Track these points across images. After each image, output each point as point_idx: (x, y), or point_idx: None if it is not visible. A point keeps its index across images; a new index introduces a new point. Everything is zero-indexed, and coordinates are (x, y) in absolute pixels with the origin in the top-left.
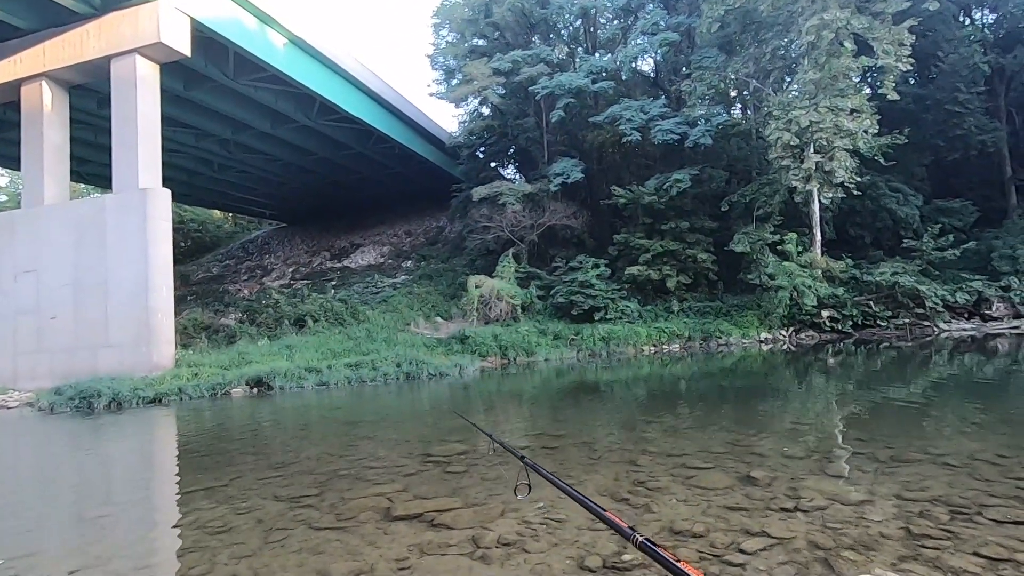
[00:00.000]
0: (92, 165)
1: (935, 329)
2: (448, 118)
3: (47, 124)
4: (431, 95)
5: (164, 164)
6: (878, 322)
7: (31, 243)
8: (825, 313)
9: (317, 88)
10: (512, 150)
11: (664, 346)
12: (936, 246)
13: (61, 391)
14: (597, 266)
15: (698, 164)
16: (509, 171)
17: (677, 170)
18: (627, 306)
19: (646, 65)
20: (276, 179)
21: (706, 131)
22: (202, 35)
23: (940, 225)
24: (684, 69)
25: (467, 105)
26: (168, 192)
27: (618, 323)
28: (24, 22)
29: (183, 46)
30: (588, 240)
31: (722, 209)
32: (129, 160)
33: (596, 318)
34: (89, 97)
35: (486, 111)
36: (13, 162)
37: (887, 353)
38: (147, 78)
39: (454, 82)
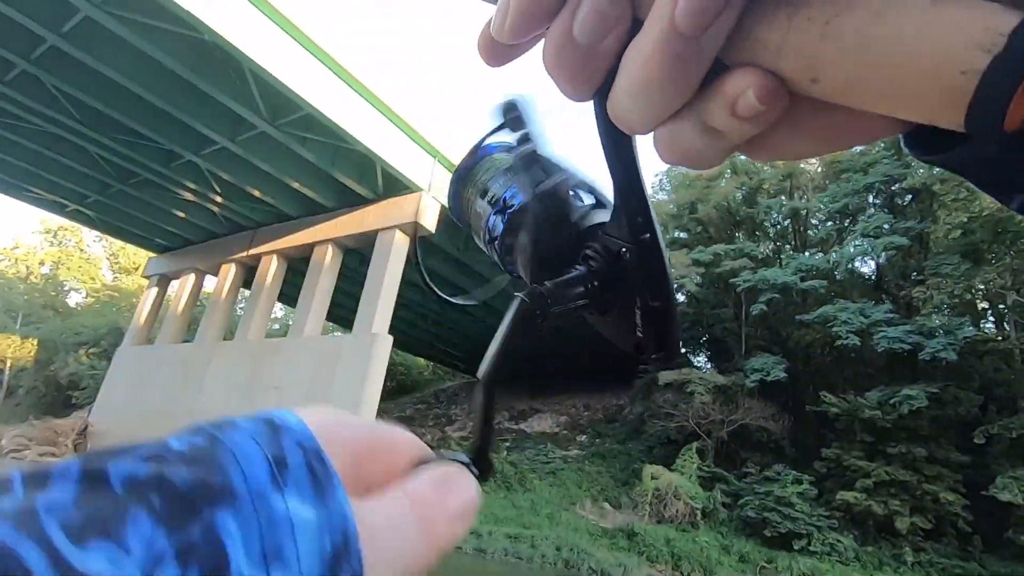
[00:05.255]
0: (340, 309)
1: None
2: None
3: (323, 275)
4: None
5: (393, 315)
6: None
7: (284, 365)
8: None
9: None
10: (705, 338)
11: None
12: None
13: None
14: (799, 482)
15: (937, 381)
16: (700, 359)
17: (908, 384)
18: (838, 541)
19: (865, 267)
20: (480, 339)
21: (948, 344)
22: (446, 218)
23: None
24: (915, 274)
25: None
26: (391, 339)
27: (825, 560)
28: (330, 203)
29: (431, 225)
30: (788, 448)
31: (975, 441)
32: (370, 309)
33: (795, 547)
34: (354, 257)
35: (681, 298)
36: (291, 301)
37: None
38: (399, 247)
39: None
